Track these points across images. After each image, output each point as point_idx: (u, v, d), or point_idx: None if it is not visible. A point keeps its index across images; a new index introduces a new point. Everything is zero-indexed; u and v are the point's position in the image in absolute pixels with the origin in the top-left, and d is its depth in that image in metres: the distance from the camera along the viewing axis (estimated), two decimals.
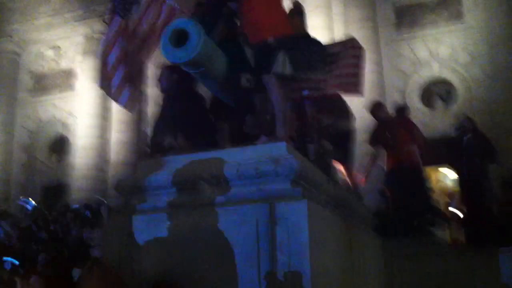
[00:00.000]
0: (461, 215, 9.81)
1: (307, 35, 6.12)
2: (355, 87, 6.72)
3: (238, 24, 5.31)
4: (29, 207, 11.50)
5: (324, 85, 6.28)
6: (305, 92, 6.11)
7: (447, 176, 16.34)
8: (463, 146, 8.21)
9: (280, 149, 4.12)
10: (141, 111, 20.95)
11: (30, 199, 13.16)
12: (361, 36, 16.68)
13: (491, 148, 8.29)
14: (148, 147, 5.92)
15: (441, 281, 7.01)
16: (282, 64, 4.68)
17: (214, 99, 5.51)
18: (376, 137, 8.48)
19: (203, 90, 5.58)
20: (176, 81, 5.56)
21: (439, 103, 18.08)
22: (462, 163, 8.24)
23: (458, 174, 8.60)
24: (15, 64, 23.28)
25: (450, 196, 14.68)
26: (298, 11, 6.20)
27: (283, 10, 5.16)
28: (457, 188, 9.05)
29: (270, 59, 4.65)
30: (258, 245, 3.80)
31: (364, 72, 6.82)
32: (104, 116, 20.75)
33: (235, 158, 4.14)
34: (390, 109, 10.05)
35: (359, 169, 8.14)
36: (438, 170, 16.17)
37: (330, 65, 6.45)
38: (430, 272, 7.11)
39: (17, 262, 7.53)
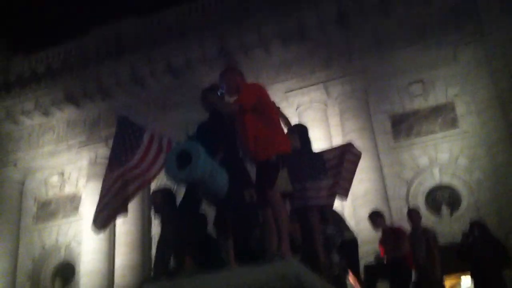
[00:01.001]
0: None
1: (306, 150, 6.27)
2: (344, 191, 6.81)
3: (237, 141, 5.46)
4: None
5: (324, 193, 6.31)
6: (307, 202, 6.11)
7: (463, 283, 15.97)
8: (478, 254, 8.08)
9: (287, 266, 4.07)
10: (144, 233, 20.90)
11: None
12: (359, 145, 17.01)
13: (505, 254, 8.15)
14: (153, 270, 5.84)
15: None
16: (285, 182, 4.79)
17: (217, 215, 5.51)
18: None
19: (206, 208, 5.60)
20: (172, 202, 5.61)
21: (444, 209, 17.99)
22: (477, 270, 8.08)
23: (474, 282, 8.37)
24: (19, 192, 23.50)
25: None
26: (297, 130, 6.43)
27: (280, 129, 5.32)
28: None
29: (273, 176, 4.74)
30: None
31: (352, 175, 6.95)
32: (109, 239, 20.59)
33: (244, 277, 4.06)
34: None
35: None
36: (457, 278, 15.84)
37: (328, 171, 6.52)
38: None
39: None
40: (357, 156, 7.11)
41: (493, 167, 17.30)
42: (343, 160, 6.79)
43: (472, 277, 8.50)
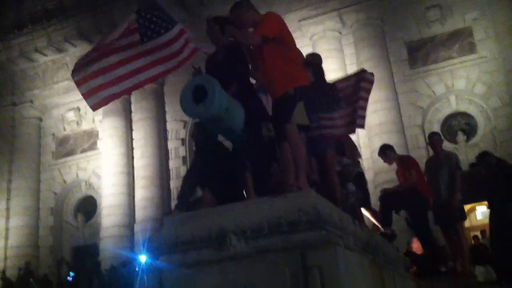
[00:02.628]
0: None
1: (322, 82, 6.22)
2: (361, 120, 6.69)
3: (252, 73, 5.41)
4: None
5: (340, 123, 6.29)
6: (323, 133, 6.10)
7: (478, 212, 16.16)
8: (491, 181, 8.08)
9: (305, 197, 4.12)
10: (162, 166, 21.15)
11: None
12: (374, 74, 16.86)
13: None
14: (177, 201, 5.94)
15: None
16: (301, 114, 4.76)
17: (235, 151, 5.54)
18: None
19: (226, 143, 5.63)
20: (205, 136, 5.62)
21: (460, 137, 17.94)
22: (493, 198, 8.11)
23: (490, 209, 8.43)
24: (38, 129, 23.80)
25: (482, 233, 14.50)
26: (313, 62, 6.34)
27: (298, 61, 5.25)
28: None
29: (290, 110, 4.72)
30: None
31: (366, 104, 6.80)
32: (127, 173, 20.96)
33: (261, 208, 4.14)
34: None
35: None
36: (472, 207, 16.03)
37: (344, 101, 6.45)
38: None
39: None
40: (371, 82, 6.99)
41: (510, 93, 17.08)
42: (358, 88, 6.69)
43: (488, 206, 8.55)
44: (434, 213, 8.50)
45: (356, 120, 6.48)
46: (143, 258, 4.54)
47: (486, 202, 8.64)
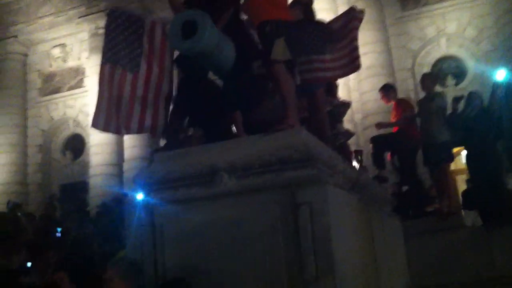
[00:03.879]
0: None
1: (309, 20, 6.07)
2: (357, 61, 6.59)
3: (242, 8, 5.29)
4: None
5: (332, 65, 6.19)
6: (314, 74, 6.01)
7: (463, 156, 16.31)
8: (473, 124, 8.11)
9: (295, 135, 4.12)
10: None
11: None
12: (366, 16, 16.65)
13: (499, 124, 8.17)
14: (165, 139, 5.90)
15: (456, 256, 7.03)
16: (282, 50, 4.66)
17: (226, 87, 5.49)
18: None
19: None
20: (191, 72, 5.53)
21: (449, 80, 17.95)
22: (472, 140, 8.15)
23: (467, 150, 8.48)
24: (23, 65, 23.42)
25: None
26: (302, 1, 6.17)
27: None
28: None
29: (267, 46, 4.65)
30: (280, 232, 3.82)
31: (357, 45, 6.65)
32: None
33: (252, 146, 4.14)
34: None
35: None
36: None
37: (334, 43, 6.33)
38: (443, 248, 7.13)
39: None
40: (360, 20, 6.86)
41: (501, 38, 17.00)
42: (349, 29, 6.56)
43: (465, 148, 8.58)
44: (424, 154, 8.59)
45: (353, 61, 6.38)
46: (136, 195, 4.54)
47: None
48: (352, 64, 6.33)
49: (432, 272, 6.89)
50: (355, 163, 7.68)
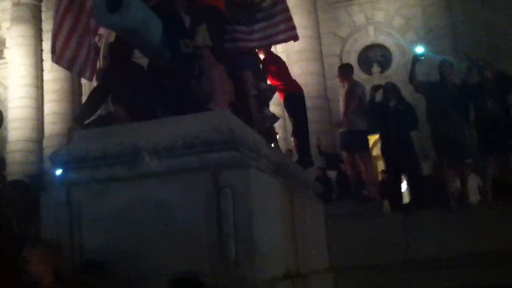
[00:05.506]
0: None
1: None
2: (292, 32, 6.55)
3: None
4: None
5: (257, 36, 6.11)
6: (237, 44, 5.92)
7: None
8: (389, 113, 8.37)
9: (220, 117, 4.10)
10: (74, 81, 20.36)
11: None
12: (298, 2, 16.79)
13: (414, 115, 8.49)
14: (77, 119, 5.75)
15: (374, 239, 7.26)
16: (204, 36, 4.67)
17: (152, 66, 5.39)
18: None
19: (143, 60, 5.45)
20: (113, 51, 5.40)
21: (375, 67, 18.42)
22: (387, 129, 8.41)
23: (382, 140, 8.76)
24: None
25: None
26: None
27: None
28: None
29: (194, 29, 4.64)
30: (202, 216, 3.79)
31: (289, 15, 6.62)
32: (36, 85, 20.00)
33: (176, 127, 4.08)
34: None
35: None
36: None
37: (263, 18, 6.26)
38: (363, 232, 7.36)
39: None
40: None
41: (426, 29, 17.57)
42: (275, 2, 6.48)
43: (380, 137, 8.85)
44: (342, 141, 8.85)
45: (286, 31, 6.33)
46: (55, 174, 4.39)
47: None
48: (284, 33, 6.29)
49: (351, 255, 7.09)
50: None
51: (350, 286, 6.65)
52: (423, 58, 8.30)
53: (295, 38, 6.29)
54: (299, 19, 16.68)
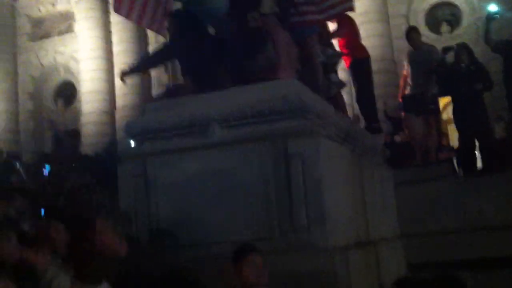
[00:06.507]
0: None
1: None
2: (348, 2, 6.45)
3: None
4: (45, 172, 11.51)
5: (321, 8, 6.06)
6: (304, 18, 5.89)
7: None
8: (461, 75, 8.07)
9: (288, 86, 4.12)
10: (142, 52, 20.57)
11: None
12: None
13: (488, 76, 8.14)
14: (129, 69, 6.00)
15: (445, 204, 7.13)
16: (270, 3, 4.66)
17: (220, 38, 5.42)
18: None
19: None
20: (181, 26, 5.47)
21: (444, 27, 17.75)
22: (459, 91, 8.12)
23: (454, 103, 8.45)
24: (11, 9, 22.84)
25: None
26: None
27: None
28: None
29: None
30: (272, 182, 3.86)
31: None
32: (106, 58, 20.52)
33: (244, 96, 4.13)
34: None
35: None
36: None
37: None
38: (433, 196, 7.24)
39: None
40: None
41: None
42: None
43: (452, 100, 8.55)
44: (405, 102, 8.63)
45: (343, 2, 6.26)
46: (129, 145, 4.56)
47: None
48: (342, 5, 6.23)
49: (422, 220, 7.00)
50: None
51: (422, 252, 6.58)
52: (497, 16, 7.92)
53: (351, 8, 6.23)
54: None
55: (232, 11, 4.77)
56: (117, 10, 6.31)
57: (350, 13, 7.09)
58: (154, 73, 20.25)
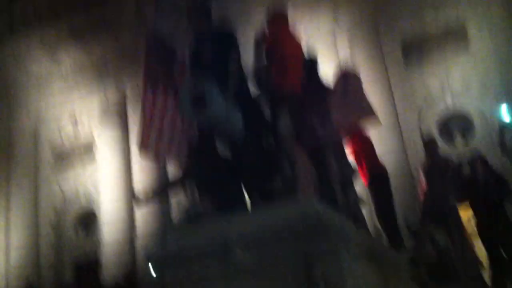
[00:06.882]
0: None
1: (316, 82, 6.15)
2: (370, 111, 6.56)
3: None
4: None
5: (339, 123, 6.19)
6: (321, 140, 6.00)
7: None
8: (478, 186, 8.01)
9: (308, 205, 4.11)
10: (162, 178, 20.60)
11: None
12: (370, 74, 16.90)
13: (508, 187, 8.05)
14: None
15: None
16: (285, 125, 4.81)
17: (233, 158, 5.52)
18: None
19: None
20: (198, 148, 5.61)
21: (458, 138, 17.84)
22: (479, 202, 8.02)
23: (476, 216, 8.29)
24: (35, 141, 23.59)
25: None
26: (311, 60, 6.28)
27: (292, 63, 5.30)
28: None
29: (277, 119, 4.79)
30: None
31: (366, 94, 6.61)
32: (127, 187, 20.81)
33: (265, 218, 4.12)
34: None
35: None
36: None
37: (337, 100, 6.37)
38: None
39: None
40: (357, 77, 6.90)
41: (508, 92, 17.01)
42: (347, 88, 6.57)
43: (473, 209, 8.41)
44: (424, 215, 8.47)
45: (360, 114, 6.40)
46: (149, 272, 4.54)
47: None
48: (361, 117, 6.36)
49: None
50: None
51: None
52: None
53: (373, 119, 6.35)
54: (373, 93, 16.67)
55: (249, 132, 4.89)
56: (143, 147, 6.45)
57: None
58: (173, 197, 20.45)
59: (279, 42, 5.35)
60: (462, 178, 8.26)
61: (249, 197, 5.21)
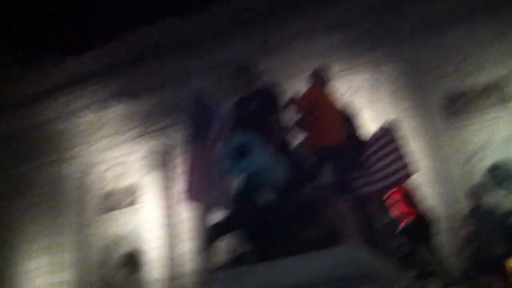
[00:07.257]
0: None
1: (355, 137, 6.33)
2: (404, 171, 6.64)
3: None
4: None
5: (376, 178, 6.29)
6: (363, 191, 6.13)
7: None
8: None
9: (354, 251, 4.21)
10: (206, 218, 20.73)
11: None
12: (410, 126, 16.94)
13: None
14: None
15: None
16: (327, 176, 4.96)
17: (278, 205, 5.65)
18: None
19: None
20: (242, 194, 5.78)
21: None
22: None
23: None
24: (79, 187, 24.12)
25: None
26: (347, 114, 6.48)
27: (338, 116, 5.49)
28: None
29: (318, 170, 4.96)
30: None
31: (403, 152, 6.68)
32: (171, 225, 21.07)
33: (310, 265, 4.22)
34: None
35: None
36: None
37: (373, 160, 6.46)
38: None
39: None
40: (392, 135, 7.02)
41: None
42: (388, 140, 6.68)
43: None
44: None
45: (400, 170, 6.49)
46: None
47: None
48: (397, 174, 6.44)
49: None
50: None
51: None
52: None
53: (408, 176, 6.44)
54: (415, 144, 16.64)
55: (290, 184, 5.07)
56: (189, 199, 6.66)
57: None
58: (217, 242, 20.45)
59: (319, 101, 5.62)
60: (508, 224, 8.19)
61: (293, 243, 5.32)
